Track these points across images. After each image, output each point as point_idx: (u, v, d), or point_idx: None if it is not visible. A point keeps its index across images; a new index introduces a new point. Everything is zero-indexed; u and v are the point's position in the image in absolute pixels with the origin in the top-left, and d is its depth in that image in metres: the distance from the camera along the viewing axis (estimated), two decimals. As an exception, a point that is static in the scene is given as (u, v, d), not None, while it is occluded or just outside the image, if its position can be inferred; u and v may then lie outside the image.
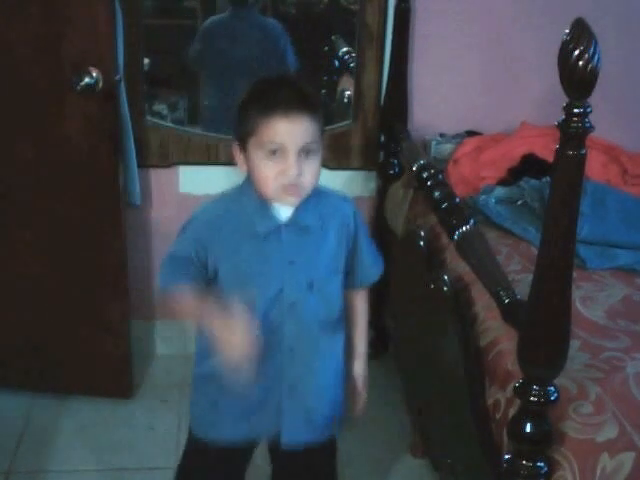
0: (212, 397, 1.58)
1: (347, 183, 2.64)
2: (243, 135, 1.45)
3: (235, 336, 1.36)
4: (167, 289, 1.50)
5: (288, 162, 1.40)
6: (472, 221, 1.78)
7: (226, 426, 1.59)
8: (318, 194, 1.52)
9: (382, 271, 1.65)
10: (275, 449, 1.65)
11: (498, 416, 1.48)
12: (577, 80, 1.06)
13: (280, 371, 1.53)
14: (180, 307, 1.50)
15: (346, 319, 1.64)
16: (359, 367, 1.67)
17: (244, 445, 1.63)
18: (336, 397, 1.63)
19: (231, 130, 1.52)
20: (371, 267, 1.63)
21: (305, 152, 1.41)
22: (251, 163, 1.45)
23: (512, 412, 1.38)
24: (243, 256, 1.47)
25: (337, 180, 2.63)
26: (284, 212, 1.48)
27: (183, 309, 1.51)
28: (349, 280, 1.60)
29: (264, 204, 1.47)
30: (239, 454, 1.65)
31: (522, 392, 1.30)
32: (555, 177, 1.16)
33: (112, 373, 2.44)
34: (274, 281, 1.48)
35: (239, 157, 1.49)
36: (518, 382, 1.32)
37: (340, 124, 2.64)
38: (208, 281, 1.50)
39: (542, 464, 1.32)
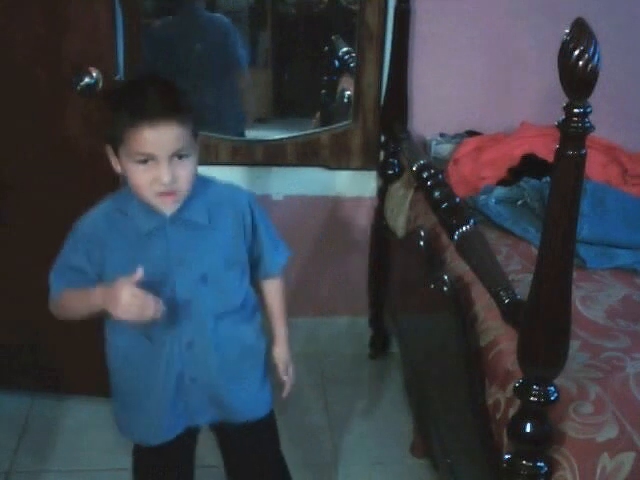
0: (125, 403, 1.63)
1: (347, 183, 2.64)
2: (113, 141, 1.44)
3: (124, 299, 1.37)
4: (55, 298, 1.53)
5: (160, 170, 1.39)
6: (472, 221, 1.78)
7: (145, 429, 1.63)
8: (206, 187, 1.52)
9: (286, 259, 1.66)
10: (217, 434, 1.72)
11: (498, 416, 1.48)
12: (577, 80, 1.06)
13: (181, 366, 1.54)
14: (69, 306, 1.52)
15: (263, 308, 1.67)
16: (278, 352, 1.70)
17: (176, 437, 1.64)
18: (251, 382, 1.64)
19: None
20: (272, 257, 1.63)
21: (177, 157, 1.41)
22: (125, 170, 1.45)
23: (512, 412, 1.38)
24: (130, 258, 1.46)
25: (337, 180, 2.64)
26: (169, 209, 1.47)
27: (72, 307, 1.52)
28: (256, 271, 1.62)
29: (146, 204, 1.46)
30: (176, 446, 1.66)
31: (522, 392, 1.30)
32: (555, 177, 1.16)
33: (112, 373, 2.44)
34: (165, 280, 1.48)
35: (113, 159, 1.48)
36: (518, 382, 1.32)
37: (340, 124, 2.65)
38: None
39: (542, 464, 1.32)
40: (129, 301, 1.37)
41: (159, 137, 1.38)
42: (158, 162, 1.39)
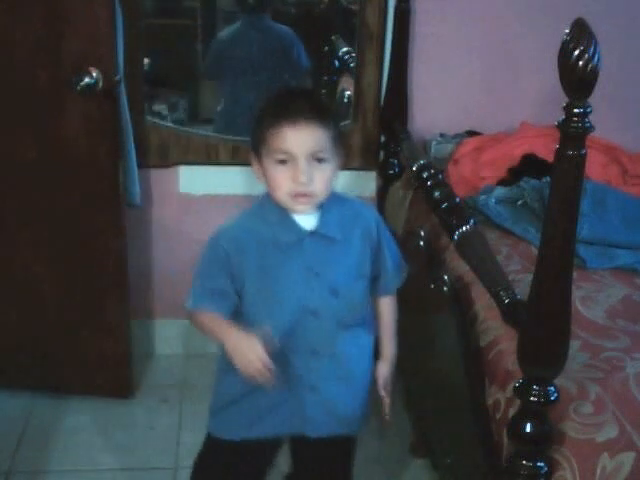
0: (233, 396, 1.61)
1: (347, 183, 2.63)
2: (256, 144, 1.48)
3: (248, 358, 1.41)
4: (196, 310, 1.54)
5: (297, 169, 1.42)
6: (472, 221, 1.78)
7: (248, 423, 1.61)
8: (340, 202, 1.55)
9: (405, 278, 1.67)
10: (296, 442, 1.70)
11: (498, 416, 1.48)
12: (577, 80, 1.06)
13: (303, 372, 1.56)
14: (201, 328, 1.55)
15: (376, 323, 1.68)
16: (381, 369, 1.69)
17: (266, 443, 1.65)
18: (361, 395, 1.66)
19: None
20: (393, 275, 1.64)
21: (316, 160, 1.44)
22: (265, 171, 1.48)
23: (512, 412, 1.38)
24: (268, 268, 1.50)
25: (337, 180, 2.63)
26: (307, 223, 1.50)
27: (208, 331, 1.54)
28: (374, 286, 1.63)
29: (286, 215, 1.49)
30: (261, 452, 1.67)
31: (522, 392, 1.30)
32: (555, 177, 1.16)
33: (112, 373, 2.45)
34: (298, 291, 1.50)
35: (255, 166, 1.52)
36: (518, 382, 1.32)
37: (340, 124, 2.64)
38: (236, 306, 1.53)
39: (542, 464, 1.32)
40: (252, 363, 1.41)
41: (299, 135, 1.42)
42: (296, 162, 1.42)
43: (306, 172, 1.42)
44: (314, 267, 1.51)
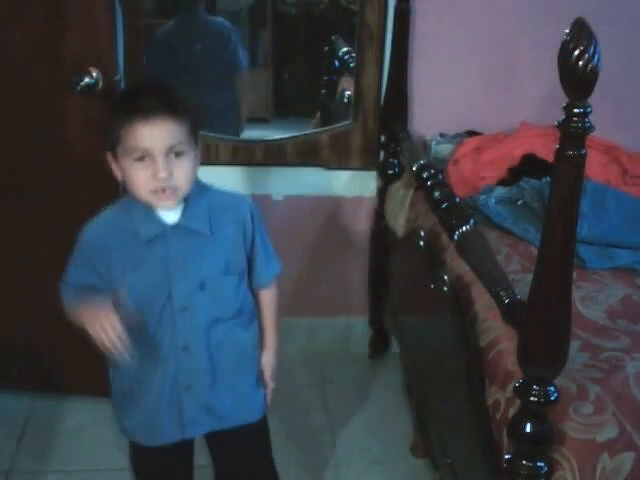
0: (122, 403, 1.64)
1: (347, 183, 2.64)
2: (112, 144, 1.46)
3: (100, 323, 1.44)
4: (67, 305, 1.58)
5: (155, 166, 1.42)
6: (472, 221, 1.78)
7: (141, 430, 1.64)
8: (206, 193, 1.54)
9: (277, 272, 1.67)
10: (209, 440, 1.72)
11: (498, 416, 1.48)
12: (577, 80, 1.06)
13: (176, 370, 1.55)
14: (73, 316, 1.56)
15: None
16: (266, 359, 1.70)
17: (169, 447, 1.65)
18: (246, 387, 1.66)
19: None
20: (266, 265, 1.64)
21: (174, 154, 1.43)
22: (123, 171, 1.47)
23: (512, 412, 1.38)
24: (133, 263, 1.49)
25: (337, 180, 2.64)
26: (171, 216, 1.49)
27: (75, 318, 1.55)
28: (251, 280, 1.63)
29: (149, 210, 1.48)
30: (172, 450, 1.67)
31: (522, 392, 1.30)
32: (555, 177, 1.16)
33: (112, 373, 2.44)
34: (162, 286, 1.50)
35: (113, 165, 1.50)
36: (518, 382, 1.32)
37: (340, 124, 2.65)
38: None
39: (542, 464, 1.32)
40: (104, 328, 1.43)
41: (154, 131, 1.41)
42: (154, 158, 1.41)
43: (165, 168, 1.41)
44: (179, 261, 1.50)
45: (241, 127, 3.00)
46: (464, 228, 1.76)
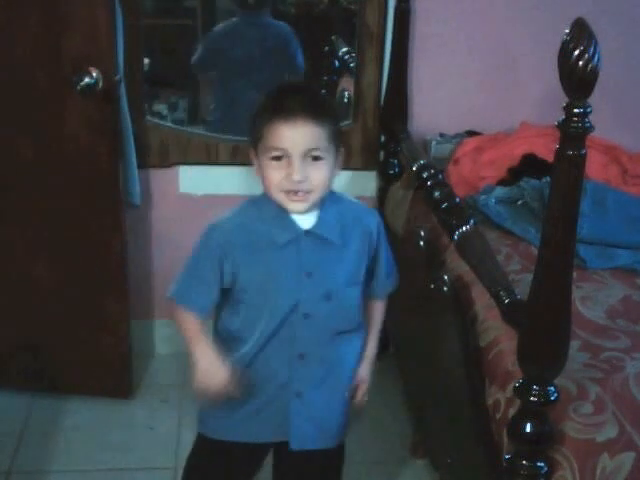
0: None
1: (347, 183, 2.63)
2: (254, 140, 1.47)
3: (210, 382, 1.45)
4: (178, 303, 1.53)
5: (291, 167, 1.40)
6: (472, 221, 1.78)
7: (233, 426, 1.60)
8: (340, 203, 1.53)
9: (397, 282, 1.66)
10: (281, 451, 1.66)
11: (498, 416, 1.48)
12: (577, 80, 1.06)
13: (288, 377, 1.54)
14: (181, 327, 1.53)
15: None
16: (363, 370, 1.66)
17: (255, 446, 1.63)
18: (345, 401, 1.63)
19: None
20: (386, 279, 1.63)
21: (311, 158, 1.42)
22: (261, 168, 1.46)
23: (512, 412, 1.38)
24: (261, 266, 1.47)
25: (337, 180, 2.63)
26: (304, 222, 1.47)
27: (182, 330, 1.53)
28: (367, 290, 1.61)
29: (283, 213, 1.47)
30: (250, 454, 1.66)
31: (522, 392, 1.30)
32: (555, 177, 1.16)
33: (112, 373, 2.44)
34: (291, 292, 1.48)
35: (255, 162, 1.50)
36: (518, 382, 1.32)
37: (340, 121, 2.64)
38: (222, 292, 1.52)
39: (542, 464, 1.32)
40: (211, 388, 1.45)
41: (294, 133, 1.40)
42: (291, 159, 1.40)
43: (300, 170, 1.40)
44: (308, 268, 1.48)
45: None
46: (464, 228, 1.76)
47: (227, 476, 1.70)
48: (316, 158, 1.42)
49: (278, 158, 1.41)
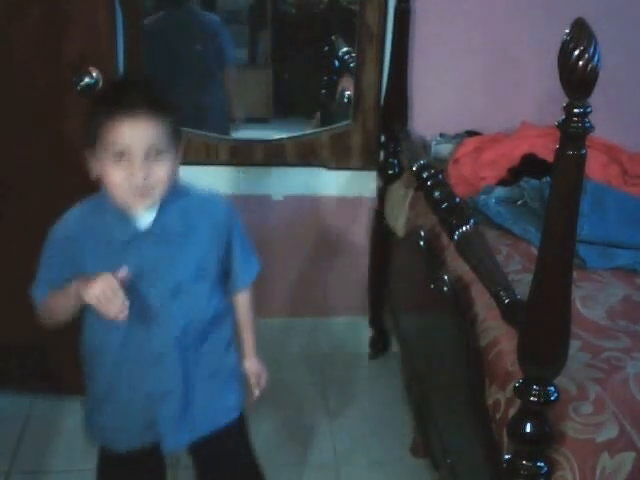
0: (94, 407, 1.61)
1: (347, 183, 2.64)
2: (92, 139, 1.42)
3: (98, 280, 1.37)
4: (38, 297, 1.54)
5: (134, 165, 1.38)
6: (472, 221, 1.78)
7: (110, 437, 1.62)
8: (185, 195, 1.51)
9: (256, 272, 1.64)
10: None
11: (498, 416, 1.48)
12: (577, 80, 1.06)
13: (149, 378, 1.52)
14: (53, 307, 1.52)
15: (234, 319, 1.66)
16: (249, 365, 1.68)
17: (144, 449, 1.62)
18: (223, 389, 1.63)
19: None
20: (242, 273, 1.61)
21: (154, 154, 1.40)
22: (101, 169, 1.43)
23: (512, 412, 1.38)
24: (104, 265, 1.43)
25: (337, 180, 2.64)
26: (145, 218, 1.46)
27: (55, 306, 1.52)
28: (228, 283, 1.60)
29: (123, 211, 1.45)
30: (146, 457, 1.64)
31: (522, 392, 1.30)
32: (555, 177, 1.16)
33: (112, 373, 2.44)
34: (136, 291, 1.45)
35: (93, 163, 1.46)
36: (518, 382, 1.32)
37: (340, 124, 2.65)
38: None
39: (542, 464, 1.32)
40: (102, 287, 1.35)
41: (134, 129, 1.37)
42: (132, 158, 1.38)
43: (143, 168, 1.38)
44: (151, 267, 1.46)
45: (231, 126, 2.98)
46: (464, 228, 1.75)
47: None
48: (158, 154, 1.40)
49: (119, 157, 1.39)
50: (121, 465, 1.67)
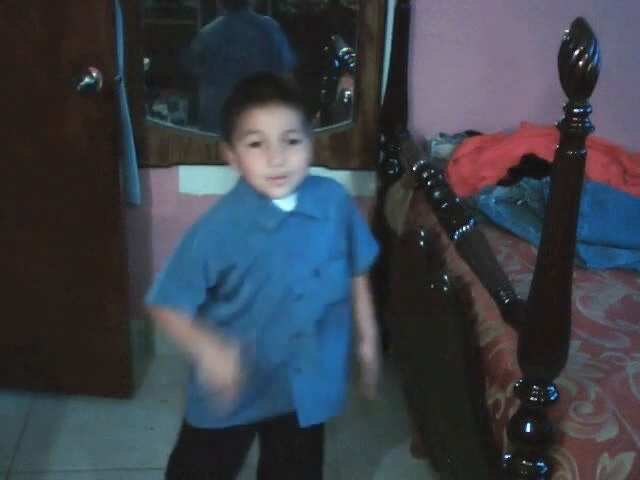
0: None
1: (347, 183, 2.63)
2: (227, 132, 1.48)
3: (221, 371, 1.43)
4: (163, 305, 1.51)
5: (270, 151, 1.42)
6: (472, 221, 1.78)
7: (232, 412, 1.56)
8: (313, 181, 1.55)
9: (377, 252, 1.68)
10: (267, 430, 1.68)
11: (498, 416, 1.48)
12: (577, 80, 1.06)
13: (288, 356, 1.55)
14: (169, 328, 1.53)
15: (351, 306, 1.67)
16: (368, 350, 1.68)
17: (243, 430, 1.64)
18: (342, 375, 1.65)
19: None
20: (366, 251, 1.65)
21: (288, 141, 1.44)
22: (239, 159, 1.48)
23: (512, 412, 1.38)
24: (252, 255, 1.48)
25: (337, 180, 2.63)
26: (286, 204, 1.50)
27: (174, 332, 1.53)
28: (351, 263, 1.63)
29: (264, 199, 1.49)
30: (239, 439, 1.66)
31: (522, 392, 1.30)
32: (555, 177, 1.16)
33: (112, 373, 2.45)
34: (282, 275, 1.50)
35: (229, 156, 1.51)
36: (518, 382, 1.32)
37: (340, 124, 2.64)
38: (207, 291, 1.52)
39: (542, 464, 1.32)
40: (228, 370, 1.42)
41: (270, 116, 1.42)
42: (269, 144, 1.42)
43: (280, 154, 1.42)
44: (297, 248, 1.50)
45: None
46: (464, 228, 1.75)
47: (218, 469, 1.71)
48: (293, 142, 1.44)
49: (256, 145, 1.43)
50: (209, 446, 1.66)
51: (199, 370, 1.51)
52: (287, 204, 1.50)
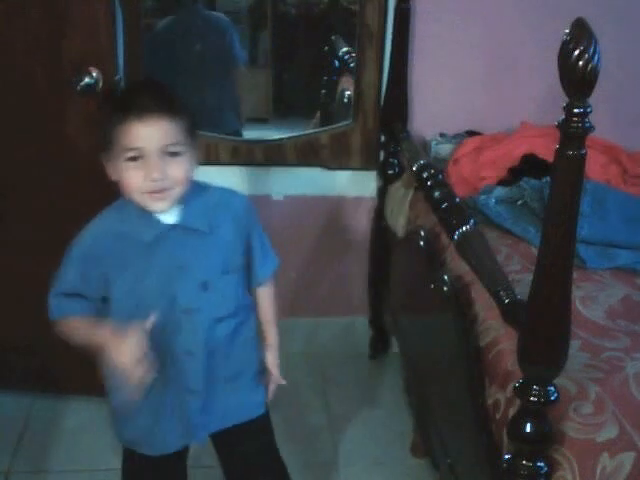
0: (127, 413, 1.60)
1: (347, 183, 2.64)
2: (106, 145, 1.44)
3: (124, 355, 1.39)
4: (63, 318, 1.53)
5: (149, 166, 1.39)
6: (472, 221, 1.78)
7: (145, 439, 1.61)
8: (203, 191, 1.52)
9: (274, 268, 1.66)
10: (215, 440, 1.69)
11: (498, 416, 1.48)
12: (577, 80, 1.06)
13: (180, 375, 1.53)
14: (73, 333, 1.53)
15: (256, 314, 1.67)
16: (270, 357, 1.69)
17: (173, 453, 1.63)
18: (248, 385, 1.65)
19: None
20: (262, 266, 1.63)
21: (169, 154, 1.41)
22: (118, 173, 1.44)
23: (512, 412, 1.38)
24: (133, 267, 1.45)
25: (337, 180, 2.64)
26: (169, 216, 1.47)
27: (76, 335, 1.53)
28: (249, 277, 1.62)
29: (145, 212, 1.45)
30: (173, 457, 1.65)
31: (522, 392, 1.30)
32: (555, 177, 1.16)
33: (112, 373, 2.44)
34: (167, 289, 1.47)
35: (109, 167, 1.47)
36: (518, 382, 1.32)
37: (340, 124, 2.65)
38: (98, 309, 1.51)
39: (542, 464, 1.32)
40: (132, 350, 1.38)
41: (148, 130, 1.38)
42: (148, 158, 1.39)
43: (159, 168, 1.39)
44: (180, 262, 1.47)
45: (241, 125, 2.99)
46: (464, 228, 1.75)
47: None
48: (174, 154, 1.41)
49: (134, 159, 1.40)
50: (148, 468, 1.66)
51: (109, 375, 1.53)
52: (169, 217, 1.46)
